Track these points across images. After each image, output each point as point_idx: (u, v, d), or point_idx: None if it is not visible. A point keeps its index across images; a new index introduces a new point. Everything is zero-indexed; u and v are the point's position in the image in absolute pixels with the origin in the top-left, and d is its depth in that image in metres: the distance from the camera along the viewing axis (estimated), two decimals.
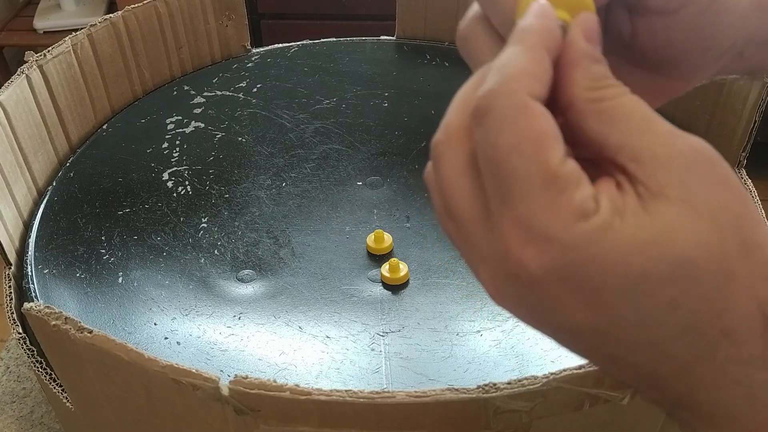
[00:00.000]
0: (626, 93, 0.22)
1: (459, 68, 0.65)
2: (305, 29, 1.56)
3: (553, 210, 0.20)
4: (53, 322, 0.34)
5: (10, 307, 0.44)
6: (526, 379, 0.29)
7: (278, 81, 0.65)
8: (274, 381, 0.30)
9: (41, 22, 1.58)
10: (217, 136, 0.59)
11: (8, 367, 0.52)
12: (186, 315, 0.44)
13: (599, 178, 0.22)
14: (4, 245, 0.46)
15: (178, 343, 0.42)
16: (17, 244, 0.49)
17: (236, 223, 0.50)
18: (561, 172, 0.20)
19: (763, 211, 0.46)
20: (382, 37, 0.71)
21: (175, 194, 0.53)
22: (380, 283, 0.45)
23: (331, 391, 0.29)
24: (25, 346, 0.42)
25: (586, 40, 0.23)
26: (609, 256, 0.19)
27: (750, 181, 0.50)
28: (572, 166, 0.20)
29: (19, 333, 0.42)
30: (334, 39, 0.71)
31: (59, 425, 0.48)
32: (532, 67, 0.21)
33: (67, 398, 0.40)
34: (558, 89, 0.23)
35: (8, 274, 0.46)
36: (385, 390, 0.29)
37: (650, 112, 0.22)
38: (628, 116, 0.21)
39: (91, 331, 0.33)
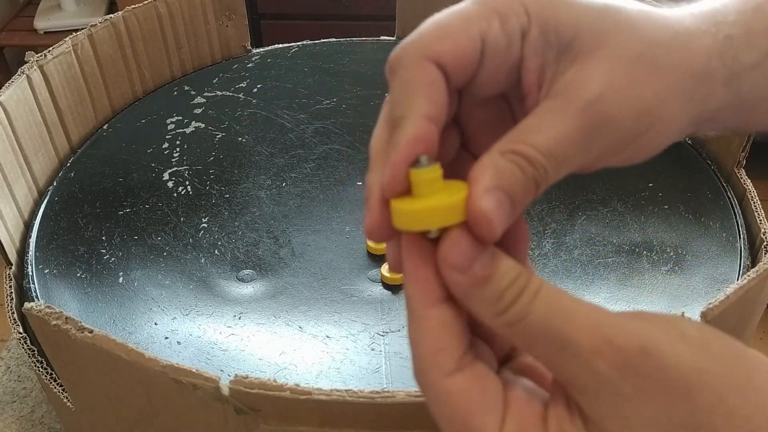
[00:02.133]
0: (535, 299, 0.20)
1: None
2: (305, 29, 1.56)
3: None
4: (54, 322, 0.34)
5: (11, 306, 0.44)
6: None
7: (278, 81, 0.65)
8: (275, 381, 0.30)
9: (42, 23, 1.58)
10: (218, 137, 0.59)
11: (9, 367, 0.52)
12: (186, 315, 0.44)
13: (552, 393, 0.21)
14: (5, 245, 0.46)
15: (179, 342, 0.42)
16: (18, 244, 0.49)
17: (236, 223, 0.50)
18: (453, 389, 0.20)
19: (762, 212, 0.47)
20: (381, 38, 0.71)
21: (175, 194, 0.53)
22: (380, 283, 0.45)
23: (331, 390, 0.29)
24: (25, 346, 0.42)
25: (466, 257, 0.20)
26: None
27: (750, 181, 0.50)
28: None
29: (20, 333, 0.42)
30: (334, 39, 0.71)
31: (60, 425, 0.48)
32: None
33: (67, 398, 0.40)
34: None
35: (9, 274, 0.46)
36: (385, 390, 0.29)
37: (567, 316, 0.20)
38: (545, 332, 0.20)
39: (91, 331, 0.33)
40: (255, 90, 0.64)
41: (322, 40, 0.71)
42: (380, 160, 0.23)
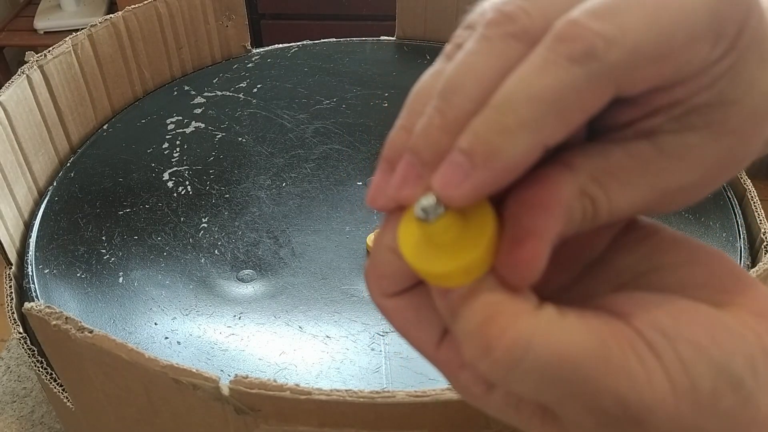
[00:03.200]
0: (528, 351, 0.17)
1: None
2: (305, 29, 1.56)
3: None
4: (54, 322, 0.34)
5: (11, 306, 0.44)
6: None
7: (278, 81, 0.65)
8: (275, 381, 0.30)
9: (42, 23, 1.58)
10: (218, 136, 0.59)
11: (9, 367, 0.52)
12: (186, 315, 0.44)
13: None
14: (5, 245, 0.46)
15: (179, 342, 0.42)
16: (18, 244, 0.49)
17: (236, 223, 0.50)
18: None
19: (762, 212, 0.47)
20: (382, 38, 0.71)
21: (175, 194, 0.53)
22: None
23: (331, 390, 0.29)
24: (25, 346, 0.42)
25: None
26: None
27: (750, 181, 0.50)
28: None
29: (20, 333, 0.42)
30: (334, 39, 0.71)
31: (60, 425, 0.48)
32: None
33: (67, 398, 0.40)
34: None
35: (9, 274, 0.46)
36: (385, 390, 0.29)
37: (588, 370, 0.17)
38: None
39: (91, 331, 0.33)
40: (255, 90, 0.64)
41: (322, 40, 0.71)
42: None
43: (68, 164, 0.56)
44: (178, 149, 0.57)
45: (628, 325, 0.18)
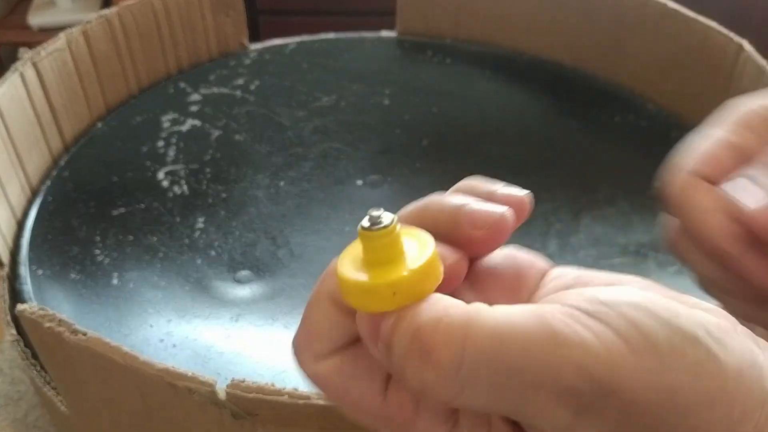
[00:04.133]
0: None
1: (461, 65, 0.65)
2: (304, 25, 1.56)
3: None
4: (47, 324, 0.34)
5: (4, 308, 0.43)
6: None
7: (276, 78, 0.64)
8: (273, 385, 0.30)
9: (36, 19, 1.57)
10: (214, 135, 0.58)
11: (2, 370, 0.52)
12: (182, 317, 0.43)
13: None
14: None
15: (174, 345, 0.41)
16: (11, 243, 0.48)
17: (233, 224, 0.50)
18: None
19: None
20: (382, 33, 0.70)
21: (171, 194, 0.52)
22: None
23: None
24: (20, 348, 0.41)
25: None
26: None
27: None
28: None
29: (13, 335, 0.41)
30: (334, 35, 0.70)
31: (54, 429, 0.47)
32: None
33: (61, 401, 0.40)
34: None
35: (1, 275, 0.45)
36: None
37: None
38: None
39: (85, 334, 0.33)
40: (252, 87, 0.63)
41: (321, 36, 0.70)
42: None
43: (62, 163, 0.55)
44: (173, 148, 0.57)
45: (563, 305, 0.17)
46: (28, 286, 0.45)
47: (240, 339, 0.42)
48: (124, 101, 0.62)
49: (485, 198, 0.21)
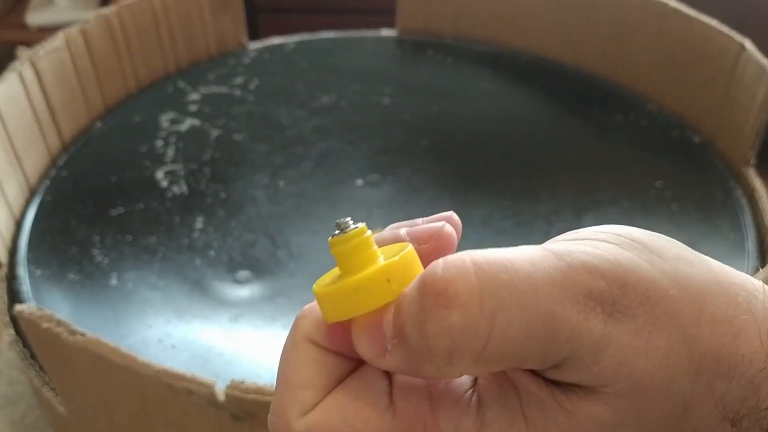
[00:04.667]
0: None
1: (461, 64, 0.64)
2: (303, 23, 1.55)
3: None
4: (45, 325, 0.34)
5: (3, 309, 0.43)
6: None
7: (276, 77, 0.64)
8: (272, 386, 0.30)
9: (34, 18, 1.57)
10: (213, 134, 0.58)
11: (0, 371, 0.51)
12: (181, 317, 0.43)
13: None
14: None
15: (173, 346, 0.41)
16: (9, 243, 0.48)
17: (232, 224, 0.49)
18: None
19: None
20: (382, 32, 0.70)
21: (170, 194, 0.52)
22: None
23: None
24: (18, 348, 0.41)
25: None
26: None
27: (758, 179, 0.50)
28: None
29: (11, 335, 0.41)
30: (334, 34, 0.70)
31: (52, 430, 0.47)
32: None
33: (59, 402, 0.39)
34: None
35: (0, 275, 0.45)
36: None
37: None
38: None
39: (83, 334, 0.33)
40: (252, 86, 0.63)
41: (321, 35, 0.70)
42: None
43: (61, 162, 0.55)
44: (172, 147, 0.56)
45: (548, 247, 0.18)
46: (26, 286, 0.44)
47: (239, 340, 0.41)
48: (123, 100, 0.62)
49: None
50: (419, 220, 0.20)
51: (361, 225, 0.17)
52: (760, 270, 0.39)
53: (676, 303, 0.16)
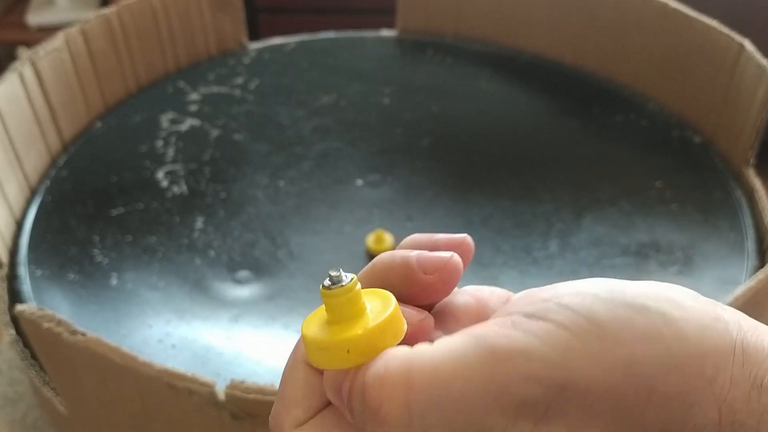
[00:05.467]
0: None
1: (461, 64, 0.64)
2: (303, 23, 1.55)
3: None
4: (46, 325, 0.34)
5: (3, 309, 0.43)
6: None
7: (276, 77, 0.64)
8: (272, 385, 0.30)
9: (34, 18, 1.57)
10: (213, 134, 0.58)
11: (1, 371, 0.51)
12: (181, 317, 0.43)
13: None
14: None
15: (173, 346, 0.41)
16: (9, 243, 0.48)
17: (232, 224, 0.49)
18: None
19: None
20: (382, 32, 0.70)
21: (169, 194, 0.52)
22: None
23: None
24: (19, 348, 0.41)
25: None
26: None
27: (758, 180, 0.50)
28: None
29: (11, 335, 0.41)
30: (334, 34, 0.70)
31: (52, 430, 0.47)
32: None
33: (60, 402, 0.39)
34: None
35: (1, 275, 0.45)
36: None
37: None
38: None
39: (84, 334, 0.33)
40: (252, 86, 0.63)
41: (321, 35, 0.70)
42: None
43: (60, 162, 0.55)
44: (172, 147, 0.56)
45: (504, 316, 0.17)
46: (27, 286, 0.44)
47: (239, 339, 0.41)
48: (123, 100, 0.62)
49: (430, 248, 0.21)
50: (440, 237, 0.21)
51: (351, 281, 0.18)
52: (760, 270, 0.39)
53: (619, 396, 0.16)
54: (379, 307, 0.19)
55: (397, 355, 0.17)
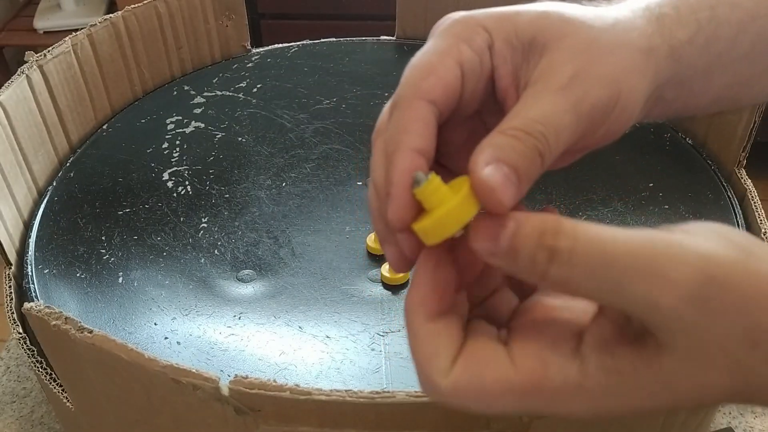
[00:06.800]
0: (572, 257, 0.21)
1: None
2: (305, 29, 1.56)
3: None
4: (53, 322, 0.34)
5: (11, 307, 0.44)
6: None
7: (278, 81, 0.65)
8: (274, 381, 0.30)
9: (41, 22, 1.58)
10: (217, 136, 0.59)
11: (8, 367, 0.52)
12: (186, 315, 0.43)
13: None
14: (5, 245, 0.46)
15: (179, 343, 0.42)
16: (17, 243, 0.49)
17: (236, 223, 0.50)
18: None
19: (762, 212, 0.46)
20: (382, 37, 0.71)
21: (175, 194, 0.53)
22: (380, 283, 0.45)
23: (331, 391, 0.29)
24: (25, 346, 0.42)
25: (490, 240, 0.22)
26: None
27: (750, 181, 0.50)
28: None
29: (19, 333, 0.42)
30: (334, 39, 0.71)
31: (59, 425, 0.48)
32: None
33: (67, 398, 0.40)
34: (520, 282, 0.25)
35: (8, 274, 0.46)
36: (385, 390, 0.29)
37: (613, 263, 0.21)
38: (596, 289, 0.21)
39: (91, 331, 0.33)
40: (255, 90, 0.64)
41: (322, 40, 0.71)
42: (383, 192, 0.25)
43: (68, 164, 0.56)
44: (177, 149, 0.57)
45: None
46: (34, 284, 0.45)
47: (243, 336, 0.42)
48: (129, 104, 0.63)
49: None
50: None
51: (430, 176, 0.23)
52: None
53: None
54: (458, 187, 0.23)
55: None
